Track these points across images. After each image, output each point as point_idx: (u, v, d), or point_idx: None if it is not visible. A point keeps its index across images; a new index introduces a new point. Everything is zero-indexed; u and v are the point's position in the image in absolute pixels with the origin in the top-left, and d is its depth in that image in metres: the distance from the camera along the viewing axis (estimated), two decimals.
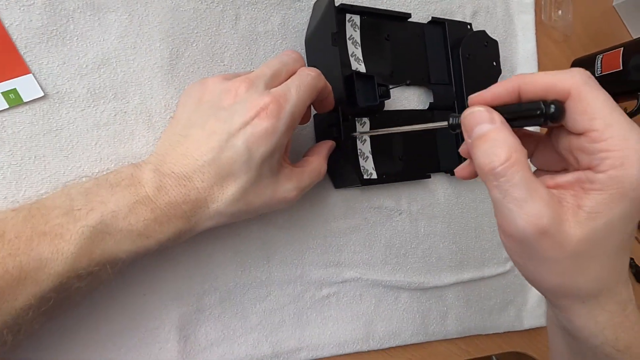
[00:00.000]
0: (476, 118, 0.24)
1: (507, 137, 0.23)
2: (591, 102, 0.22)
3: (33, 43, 0.30)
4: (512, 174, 0.22)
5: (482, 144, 0.23)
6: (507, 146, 0.23)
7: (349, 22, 0.43)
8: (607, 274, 0.24)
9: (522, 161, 0.22)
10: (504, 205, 0.23)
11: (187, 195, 0.28)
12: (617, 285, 0.24)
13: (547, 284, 0.25)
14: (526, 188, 0.22)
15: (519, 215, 0.22)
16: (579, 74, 0.23)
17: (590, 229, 0.22)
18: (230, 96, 0.29)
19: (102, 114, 0.32)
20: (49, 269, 0.24)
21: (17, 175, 0.29)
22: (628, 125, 0.22)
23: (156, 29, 0.34)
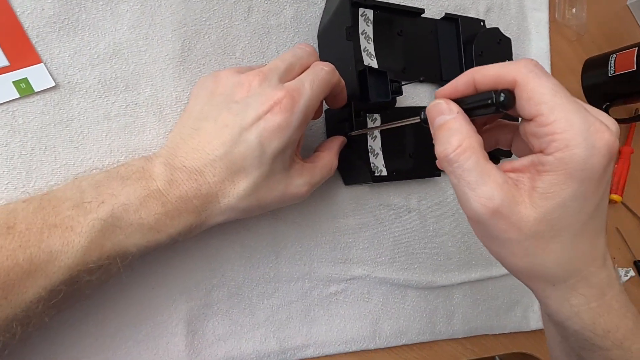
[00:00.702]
0: (436, 110, 0.26)
1: (462, 126, 0.25)
2: (536, 88, 0.23)
3: (45, 32, 0.30)
4: (464, 159, 0.24)
5: (440, 133, 0.25)
6: (460, 134, 0.24)
7: (362, 16, 0.42)
8: (572, 256, 0.24)
9: (474, 147, 0.24)
10: (460, 189, 0.25)
11: (198, 189, 0.28)
12: (589, 268, 0.24)
13: (513, 265, 0.25)
14: (478, 172, 0.23)
15: (472, 198, 0.24)
16: (524, 63, 0.24)
17: (545, 209, 0.23)
18: (244, 89, 0.29)
19: (113, 105, 0.31)
20: (59, 262, 0.23)
21: (27, 165, 0.29)
22: (572, 107, 0.22)
23: (168, 20, 0.34)
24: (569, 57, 0.61)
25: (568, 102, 0.22)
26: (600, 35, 0.64)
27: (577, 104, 0.23)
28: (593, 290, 0.25)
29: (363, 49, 0.43)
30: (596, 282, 0.25)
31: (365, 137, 0.41)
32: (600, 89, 0.61)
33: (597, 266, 0.24)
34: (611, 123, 0.23)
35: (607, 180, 0.23)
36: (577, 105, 0.22)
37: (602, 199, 0.23)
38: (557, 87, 0.23)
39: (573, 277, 0.24)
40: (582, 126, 0.22)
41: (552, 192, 0.22)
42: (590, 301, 0.25)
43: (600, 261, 0.25)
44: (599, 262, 0.25)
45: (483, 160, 0.24)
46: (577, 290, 0.25)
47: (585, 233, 0.24)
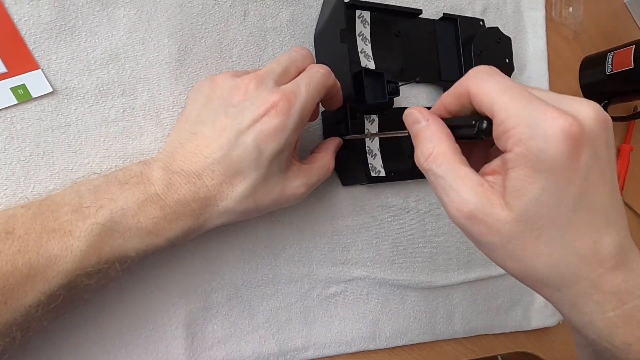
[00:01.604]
0: (411, 119, 0.26)
1: (433, 134, 0.25)
2: (484, 91, 0.23)
3: (42, 38, 0.30)
4: (436, 166, 0.24)
5: (415, 141, 0.26)
6: (431, 142, 0.25)
7: (358, 18, 0.43)
8: (566, 257, 0.22)
9: (445, 153, 0.24)
10: (438, 195, 0.25)
11: (196, 193, 0.28)
12: (596, 271, 0.22)
13: (508, 269, 0.24)
14: (451, 177, 0.23)
15: (447, 203, 0.24)
16: (473, 72, 0.24)
17: (519, 208, 0.22)
18: (240, 93, 0.29)
19: (111, 110, 0.32)
20: (58, 266, 0.23)
21: (25, 171, 0.29)
22: (521, 101, 0.22)
23: (165, 24, 0.34)
24: (566, 56, 0.61)
25: (518, 96, 0.22)
26: (598, 34, 0.64)
27: (528, 97, 0.22)
28: (608, 297, 0.22)
29: (360, 50, 0.43)
30: (610, 288, 0.22)
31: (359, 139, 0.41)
32: (598, 87, 0.61)
33: (607, 268, 0.22)
34: (581, 108, 0.22)
35: (583, 168, 0.21)
36: (528, 98, 0.22)
37: (586, 189, 0.21)
38: (507, 85, 0.23)
39: (578, 281, 0.22)
40: (529, 118, 0.21)
41: (521, 188, 0.21)
42: (605, 310, 0.22)
43: (610, 262, 0.22)
44: (610, 264, 0.22)
45: (457, 165, 0.24)
46: (588, 297, 0.22)
47: (574, 229, 0.22)
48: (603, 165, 0.22)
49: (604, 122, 0.22)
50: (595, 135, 0.21)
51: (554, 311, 0.52)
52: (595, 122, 0.21)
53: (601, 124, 0.21)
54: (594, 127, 0.21)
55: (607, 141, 0.22)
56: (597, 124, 0.21)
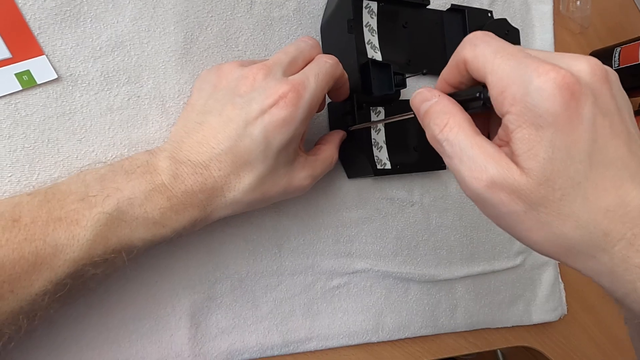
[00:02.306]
0: (420, 98, 0.26)
1: (445, 106, 0.24)
2: (478, 57, 0.23)
3: (47, 24, 0.29)
4: (452, 136, 0.23)
5: (426, 118, 0.25)
6: (444, 114, 0.24)
7: (365, 9, 0.42)
8: (594, 217, 0.21)
9: (460, 123, 0.24)
10: (454, 168, 0.24)
11: (203, 183, 0.27)
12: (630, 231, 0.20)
13: (534, 243, 0.23)
14: (467, 146, 0.23)
15: (465, 174, 0.23)
16: (467, 39, 0.24)
17: (535, 170, 0.21)
18: (248, 83, 0.29)
19: (116, 97, 0.31)
20: (64, 255, 0.23)
21: (30, 158, 0.29)
22: (513, 61, 0.21)
23: (170, 12, 0.33)
24: (572, 50, 0.60)
25: (510, 56, 0.21)
26: (604, 28, 0.64)
27: (520, 56, 0.21)
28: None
29: (367, 41, 0.42)
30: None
31: (367, 130, 0.41)
32: None
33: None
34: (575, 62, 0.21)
35: (588, 120, 0.20)
36: (520, 57, 0.21)
37: (597, 143, 0.20)
38: (499, 47, 0.22)
39: (613, 243, 0.21)
40: (522, 75, 0.21)
41: (530, 149, 0.21)
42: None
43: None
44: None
45: (472, 134, 0.23)
46: (627, 262, 0.20)
47: (596, 186, 0.20)
48: (612, 118, 0.21)
49: (601, 74, 0.21)
50: (594, 87, 0.20)
51: (556, 306, 0.52)
52: (591, 75, 0.21)
53: (599, 77, 0.21)
54: (591, 79, 0.21)
55: (612, 93, 0.21)
56: (594, 76, 0.21)
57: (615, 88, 0.21)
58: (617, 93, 0.21)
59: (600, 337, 0.55)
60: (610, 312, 0.56)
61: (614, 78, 0.22)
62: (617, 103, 0.21)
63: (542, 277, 0.51)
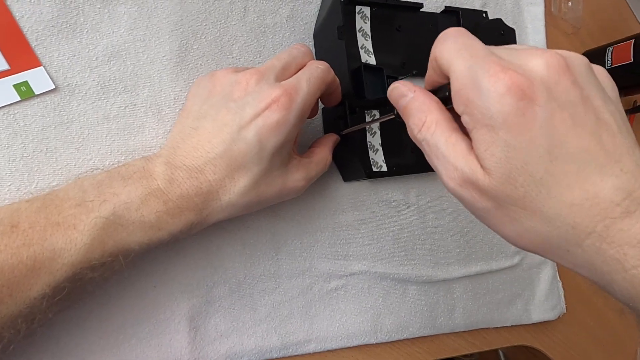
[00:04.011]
0: (397, 94, 0.26)
1: (422, 104, 0.24)
2: (442, 54, 0.23)
3: (44, 36, 0.30)
4: (429, 136, 0.24)
5: (405, 115, 0.25)
6: (421, 111, 0.24)
7: (358, 14, 0.43)
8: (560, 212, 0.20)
9: (437, 120, 0.24)
10: (434, 166, 0.24)
11: (199, 187, 0.28)
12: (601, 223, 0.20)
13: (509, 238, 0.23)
14: (443, 145, 0.23)
15: (442, 172, 0.24)
16: (440, 36, 0.24)
17: (494, 169, 0.21)
18: (241, 88, 0.29)
19: (112, 106, 0.32)
20: (62, 259, 0.24)
21: (29, 167, 0.29)
22: (470, 61, 0.21)
23: (165, 21, 0.34)
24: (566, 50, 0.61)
25: (469, 56, 0.21)
26: (597, 28, 0.64)
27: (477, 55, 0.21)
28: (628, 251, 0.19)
29: (361, 46, 0.43)
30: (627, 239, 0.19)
31: (361, 133, 0.41)
32: None
33: (616, 217, 0.19)
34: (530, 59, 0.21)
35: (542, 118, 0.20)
36: (476, 57, 0.21)
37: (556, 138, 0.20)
38: (462, 46, 0.22)
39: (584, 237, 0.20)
40: (475, 77, 0.21)
41: (486, 150, 0.21)
42: (627, 267, 0.19)
43: (618, 210, 0.19)
44: (617, 211, 0.19)
45: (449, 132, 0.23)
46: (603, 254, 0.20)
47: (559, 181, 0.20)
48: (574, 109, 0.20)
49: (558, 66, 0.20)
50: (550, 81, 0.20)
51: (555, 304, 0.52)
52: (546, 69, 0.20)
53: (556, 69, 0.20)
54: (547, 73, 0.20)
55: (574, 82, 0.20)
56: (550, 69, 0.20)
57: (580, 76, 0.21)
58: (583, 80, 0.21)
59: (601, 333, 0.55)
60: (610, 308, 0.56)
61: (579, 66, 0.21)
62: (583, 91, 0.20)
63: (540, 276, 0.52)
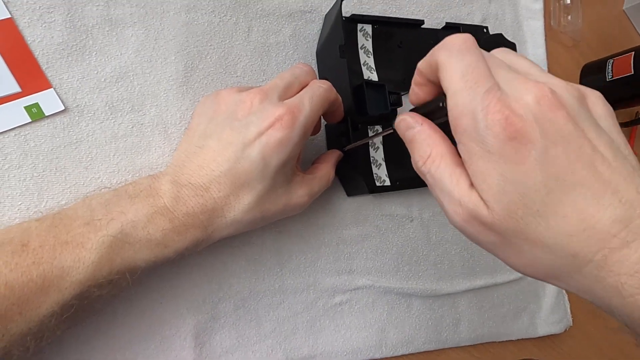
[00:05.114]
0: (404, 125, 0.26)
1: (427, 137, 0.25)
2: (448, 69, 0.23)
3: (54, 59, 0.31)
4: (434, 168, 0.24)
5: (411, 146, 0.26)
6: (427, 145, 0.24)
7: (360, 31, 0.44)
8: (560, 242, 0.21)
9: (442, 154, 0.24)
10: (437, 198, 0.24)
11: (204, 205, 0.28)
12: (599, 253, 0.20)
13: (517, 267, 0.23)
14: (447, 180, 0.23)
15: (446, 207, 0.24)
16: (445, 42, 0.23)
17: (493, 202, 0.21)
18: (245, 107, 0.30)
19: (120, 126, 0.33)
20: (71, 277, 0.24)
21: (39, 186, 0.30)
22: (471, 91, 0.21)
23: (171, 42, 0.35)
24: (566, 64, 0.62)
25: (473, 84, 0.21)
26: (597, 41, 0.65)
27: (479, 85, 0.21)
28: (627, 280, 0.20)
29: (363, 63, 0.44)
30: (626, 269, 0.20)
31: (364, 149, 0.42)
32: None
33: (615, 247, 0.20)
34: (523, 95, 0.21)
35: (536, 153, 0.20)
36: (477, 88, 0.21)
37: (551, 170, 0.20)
38: (469, 69, 0.22)
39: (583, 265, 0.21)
40: (473, 110, 0.21)
41: (484, 181, 0.21)
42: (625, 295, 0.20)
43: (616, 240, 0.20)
44: (616, 242, 0.20)
45: (453, 166, 0.23)
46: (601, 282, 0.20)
47: (556, 212, 0.20)
48: (567, 143, 0.20)
49: (550, 102, 0.21)
50: (542, 117, 0.20)
51: (561, 318, 0.52)
52: (538, 106, 0.20)
53: (548, 105, 0.21)
54: (539, 110, 0.20)
55: (567, 116, 0.21)
56: (542, 106, 0.21)
57: (572, 110, 0.21)
58: (575, 114, 0.21)
59: (608, 347, 0.55)
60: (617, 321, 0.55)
61: (571, 99, 0.22)
62: (576, 125, 0.21)
63: (546, 289, 0.51)
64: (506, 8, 0.55)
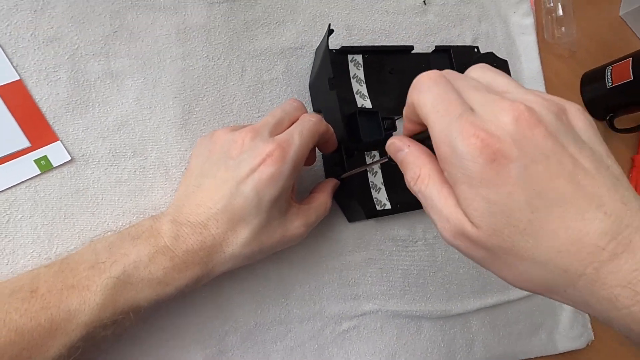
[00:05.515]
0: (393, 148, 0.28)
1: (417, 158, 0.26)
2: (420, 104, 0.24)
3: (60, 113, 0.33)
4: (423, 187, 0.25)
5: (402, 168, 0.27)
6: (416, 165, 0.26)
7: (351, 62, 0.45)
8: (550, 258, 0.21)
9: (430, 174, 0.25)
10: (429, 216, 0.25)
11: (203, 242, 0.30)
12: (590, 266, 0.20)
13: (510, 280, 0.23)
14: (436, 198, 0.24)
15: (437, 224, 0.25)
16: (415, 81, 0.25)
17: (480, 222, 0.22)
18: (238, 146, 0.31)
19: (124, 171, 0.35)
20: (77, 319, 0.26)
21: (49, 234, 0.32)
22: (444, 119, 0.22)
23: (169, 88, 0.37)
24: (564, 74, 0.62)
25: (444, 111, 0.22)
26: (596, 48, 0.65)
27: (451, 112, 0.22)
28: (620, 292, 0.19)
29: (356, 91, 0.45)
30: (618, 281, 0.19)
31: (361, 175, 0.42)
32: (601, 101, 0.61)
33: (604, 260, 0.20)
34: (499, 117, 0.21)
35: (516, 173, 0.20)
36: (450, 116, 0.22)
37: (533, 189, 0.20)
38: (438, 99, 0.23)
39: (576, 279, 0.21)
40: (449, 137, 0.22)
41: (470, 205, 0.22)
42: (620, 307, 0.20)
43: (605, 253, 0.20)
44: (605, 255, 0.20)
45: (440, 185, 0.24)
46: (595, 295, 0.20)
47: (543, 229, 0.21)
48: (548, 160, 0.21)
49: (528, 121, 0.21)
50: (520, 136, 0.21)
51: (581, 332, 0.50)
52: (515, 125, 0.21)
53: (526, 124, 0.21)
54: (516, 130, 0.21)
55: (545, 132, 0.21)
56: (519, 125, 0.21)
57: (551, 125, 0.21)
58: (554, 130, 0.21)
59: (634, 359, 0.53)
60: None
61: (548, 115, 0.22)
62: (556, 140, 0.21)
63: (563, 304, 0.50)
64: (497, 26, 0.56)
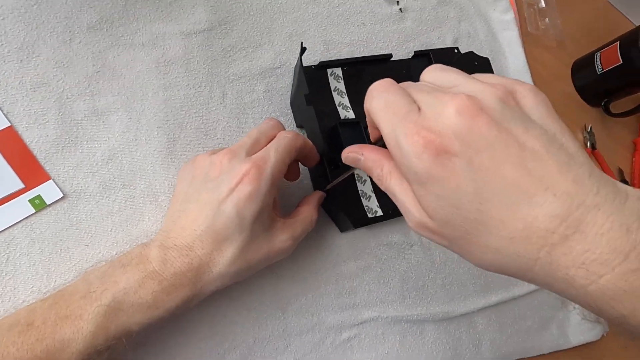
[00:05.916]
0: (351, 159, 0.30)
1: (374, 159, 0.27)
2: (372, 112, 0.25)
3: (51, 153, 0.35)
4: (387, 184, 0.26)
5: (368, 173, 0.28)
6: (375, 167, 0.27)
7: (331, 75, 0.46)
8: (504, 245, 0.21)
9: (389, 171, 0.26)
10: (400, 209, 0.26)
11: (190, 263, 0.31)
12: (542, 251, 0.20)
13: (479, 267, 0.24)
14: (398, 193, 0.26)
15: (404, 216, 0.26)
16: (368, 90, 0.26)
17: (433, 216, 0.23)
18: (216, 168, 0.33)
19: (114, 202, 0.36)
20: (71, 348, 0.27)
21: (47, 269, 0.33)
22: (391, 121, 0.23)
23: (153, 120, 0.39)
24: (552, 65, 0.61)
25: (392, 115, 0.23)
26: (584, 35, 0.65)
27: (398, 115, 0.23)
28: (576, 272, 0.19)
29: (338, 103, 0.46)
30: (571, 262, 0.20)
31: (349, 184, 0.43)
32: (593, 88, 0.60)
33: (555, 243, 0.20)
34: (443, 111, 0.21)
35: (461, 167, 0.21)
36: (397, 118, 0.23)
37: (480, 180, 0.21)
38: (385, 104, 0.24)
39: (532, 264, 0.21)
40: (396, 138, 0.23)
41: (422, 201, 0.23)
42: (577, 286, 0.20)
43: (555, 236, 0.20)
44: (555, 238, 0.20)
45: (400, 180, 0.26)
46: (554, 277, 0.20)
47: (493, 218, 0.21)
48: (492, 149, 0.21)
49: (469, 111, 0.21)
50: (462, 128, 0.21)
51: (594, 324, 0.49)
52: (457, 118, 0.21)
53: (467, 114, 0.21)
54: (458, 123, 0.21)
55: (488, 120, 0.21)
56: (461, 117, 0.21)
57: (495, 112, 0.21)
58: (498, 116, 0.21)
59: None
60: None
61: (492, 102, 0.22)
62: (501, 126, 0.21)
63: None
64: (477, 25, 0.56)
